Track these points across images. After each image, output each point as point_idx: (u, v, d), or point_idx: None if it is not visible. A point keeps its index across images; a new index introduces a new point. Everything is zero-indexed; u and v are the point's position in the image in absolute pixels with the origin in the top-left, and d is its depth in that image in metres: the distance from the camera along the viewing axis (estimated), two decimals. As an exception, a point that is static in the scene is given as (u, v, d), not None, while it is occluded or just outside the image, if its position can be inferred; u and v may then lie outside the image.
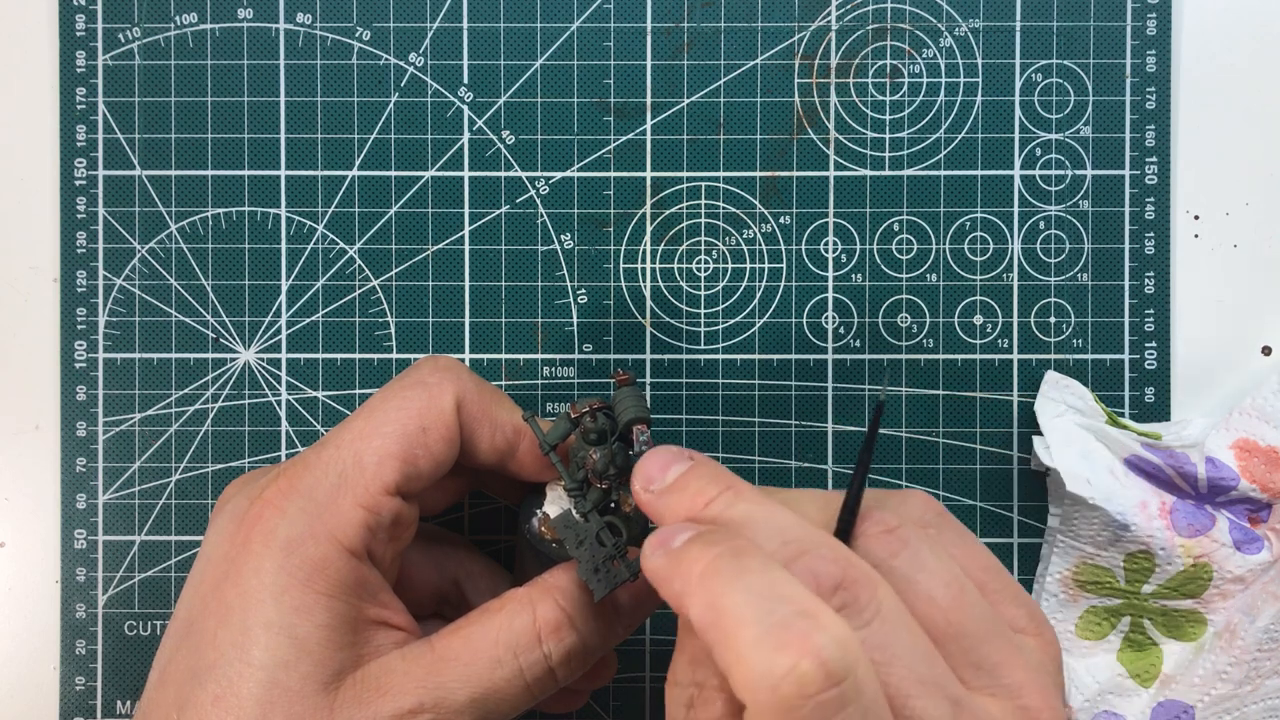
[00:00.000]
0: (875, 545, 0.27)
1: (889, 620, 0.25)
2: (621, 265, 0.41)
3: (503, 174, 0.41)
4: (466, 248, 0.41)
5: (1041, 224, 0.41)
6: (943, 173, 0.41)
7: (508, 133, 0.41)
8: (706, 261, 0.41)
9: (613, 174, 0.41)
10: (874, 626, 0.25)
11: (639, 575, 0.31)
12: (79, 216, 0.41)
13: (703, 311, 0.41)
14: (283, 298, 0.41)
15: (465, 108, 0.41)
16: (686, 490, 0.28)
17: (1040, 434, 0.39)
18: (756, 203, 0.41)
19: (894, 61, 0.41)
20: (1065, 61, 0.41)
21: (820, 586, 0.25)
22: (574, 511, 0.32)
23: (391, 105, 0.41)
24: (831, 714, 0.22)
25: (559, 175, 0.41)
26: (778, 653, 0.22)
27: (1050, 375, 0.40)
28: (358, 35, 0.41)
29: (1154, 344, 0.41)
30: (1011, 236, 0.41)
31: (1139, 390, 0.41)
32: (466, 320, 0.41)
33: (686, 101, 0.41)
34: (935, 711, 0.24)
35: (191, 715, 0.29)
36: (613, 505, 0.33)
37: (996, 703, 0.26)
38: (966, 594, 0.27)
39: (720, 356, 0.41)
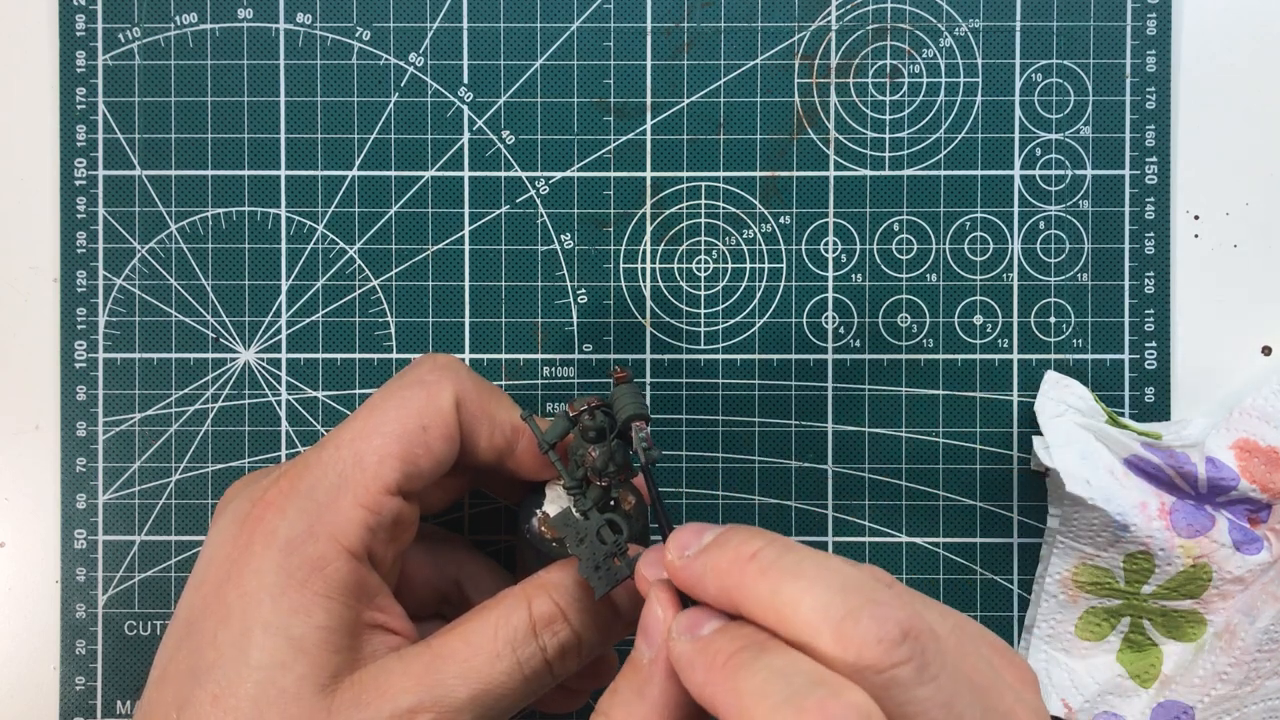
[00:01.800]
0: None
1: (951, 672, 0.24)
2: (621, 265, 0.41)
3: (503, 174, 0.41)
4: (466, 248, 0.41)
5: (1041, 224, 0.41)
6: (943, 173, 0.41)
7: (508, 133, 0.41)
8: (706, 261, 0.41)
9: (613, 174, 0.41)
10: (941, 681, 0.24)
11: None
12: (79, 216, 0.41)
13: (703, 311, 0.41)
14: (283, 298, 0.41)
15: (465, 108, 0.41)
16: (728, 545, 0.27)
17: (1040, 434, 0.39)
18: (756, 203, 0.41)
19: (894, 61, 0.41)
20: (1065, 61, 0.41)
21: (887, 634, 0.24)
22: (574, 510, 0.32)
23: (391, 105, 0.41)
24: None
25: (559, 175, 0.41)
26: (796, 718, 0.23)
27: (1050, 375, 0.40)
28: (358, 35, 0.41)
29: (1154, 344, 0.41)
30: (1011, 236, 0.41)
31: (1139, 390, 0.41)
32: (466, 320, 0.41)
33: (686, 101, 0.41)
34: None
35: (190, 715, 0.29)
36: (612, 503, 0.33)
37: None
38: (989, 654, 0.27)
39: (720, 356, 0.41)
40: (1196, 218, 0.41)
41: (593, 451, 0.32)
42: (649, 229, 0.41)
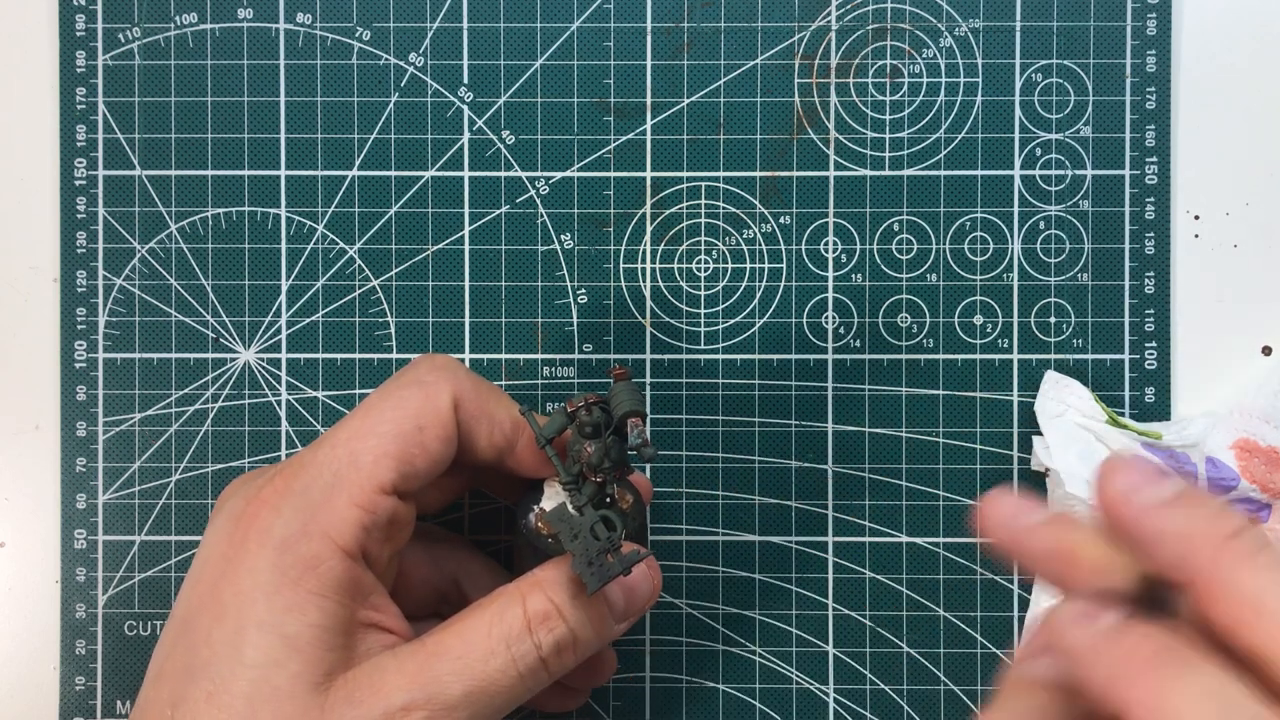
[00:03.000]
0: None
1: None
2: (621, 265, 0.41)
3: (503, 174, 0.41)
4: (466, 248, 0.41)
5: (1041, 224, 0.41)
6: (943, 173, 0.41)
7: (508, 133, 0.41)
8: (706, 261, 0.41)
9: (613, 174, 0.41)
10: None
11: (631, 570, 0.31)
12: (79, 216, 0.41)
13: (703, 311, 0.41)
14: (283, 298, 0.41)
15: (465, 108, 0.41)
16: (1202, 509, 0.22)
17: (1040, 434, 0.39)
18: (756, 203, 0.41)
19: (894, 61, 0.41)
20: (1065, 61, 0.41)
21: None
22: (569, 505, 0.32)
23: (391, 105, 0.41)
24: None
25: (559, 175, 0.41)
26: None
27: (1050, 375, 0.40)
28: (358, 35, 0.41)
29: (1154, 344, 0.41)
30: (1011, 236, 0.41)
31: (1139, 390, 0.41)
32: (466, 320, 0.41)
33: (686, 101, 0.41)
34: None
35: (185, 712, 0.29)
36: (608, 500, 0.33)
37: None
38: None
39: (720, 356, 0.41)
40: (1196, 218, 0.41)
41: (589, 447, 0.32)
42: (649, 229, 0.41)
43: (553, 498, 0.34)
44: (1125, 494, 0.23)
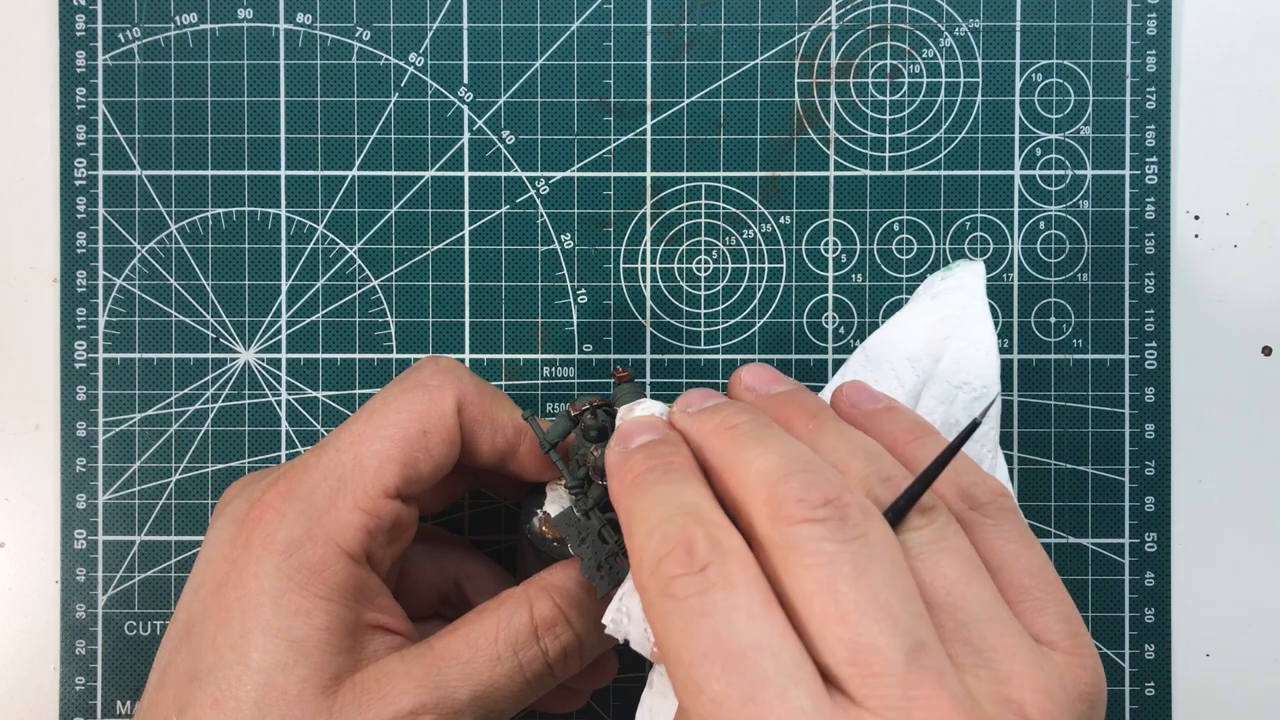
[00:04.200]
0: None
1: (872, 547, 0.24)
2: (621, 265, 0.41)
3: (503, 174, 0.41)
4: (466, 248, 0.41)
5: (1041, 224, 0.41)
6: (943, 173, 0.41)
7: (508, 133, 0.41)
8: (706, 261, 0.41)
9: (613, 174, 0.41)
10: (853, 546, 0.24)
11: None
12: (79, 216, 0.41)
13: (703, 311, 0.41)
14: (283, 298, 0.41)
15: (465, 108, 0.41)
16: (719, 412, 0.29)
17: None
18: (756, 203, 0.41)
19: (894, 61, 0.41)
20: (1065, 61, 0.41)
21: (809, 498, 0.24)
22: (575, 509, 0.32)
23: (391, 105, 0.41)
24: (696, 592, 0.24)
25: (559, 175, 0.41)
26: (657, 545, 0.25)
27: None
28: (358, 35, 0.41)
29: (1154, 344, 0.41)
30: (1011, 236, 0.41)
31: (1139, 390, 0.41)
32: (466, 320, 0.41)
33: (686, 101, 0.41)
34: (886, 643, 0.22)
35: (190, 717, 0.29)
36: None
37: (977, 682, 0.24)
38: (976, 579, 0.25)
39: (720, 356, 0.41)
40: (1197, 218, 0.41)
41: (594, 450, 0.32)
42: (649, 229, 0.41)
43: (556, 501, 0.34)
44: (678, 410, 0.30)
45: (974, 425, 0.27)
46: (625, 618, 0.29)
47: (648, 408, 0.31)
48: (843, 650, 0.23)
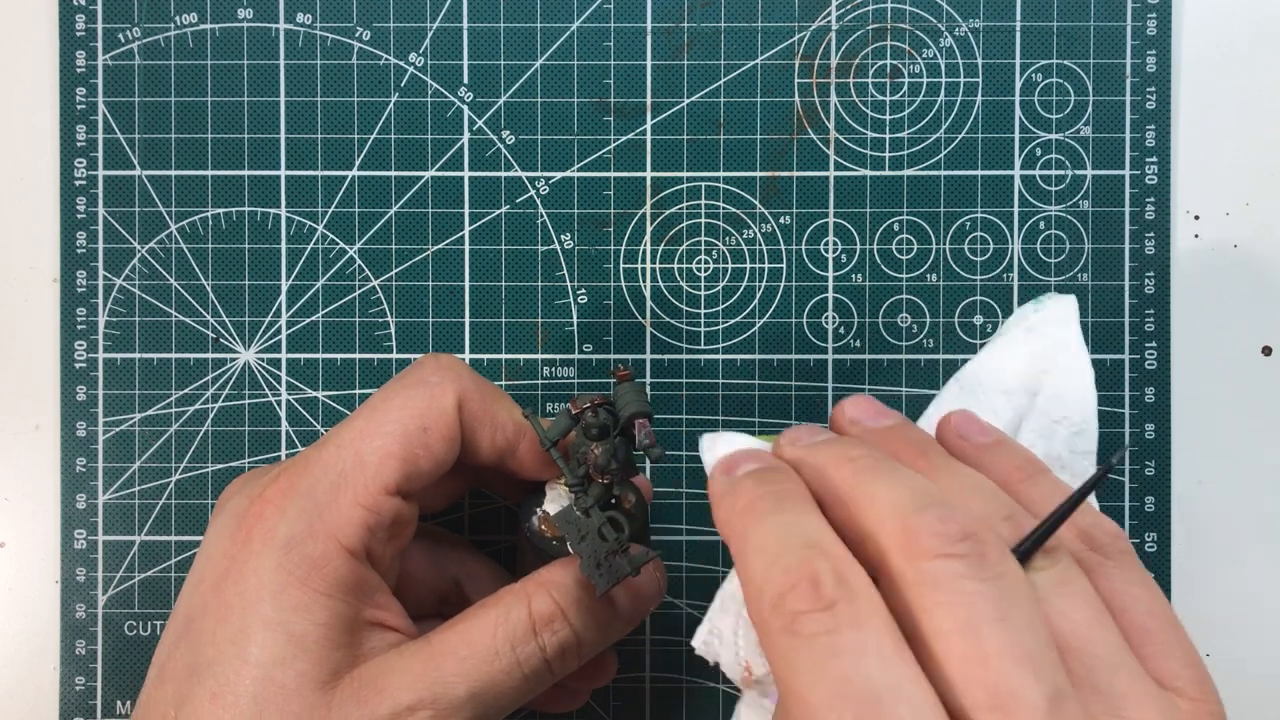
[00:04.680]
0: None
1: (1011, 588, 0.23)
2: (621, 265, 0.41)
3: (503, 174, 0.41)
4: (466, 248, 0.41)
5: (1041, 224, 0.41)
6: (943, 173, 0.41)
7: (508, 133, 0.41)
8: (706, 261, 0.41)
9: (613, 174, 0.41)
10: (991, 584, 0.23)
11: (640, 570, 0.31)
12: (79, 216, 0.41)
13: (703, 311, 0.41)
14: (283, 298, 0.41)
15: (465, 108, 0.41)
16: (836, 445, 0.28)
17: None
18: (756, 203, 0.41)
19: (894, 61, 0.41)
20: (1065, 61, 0.41)
21: (947, 532, 0.24)
22: (575, 507, 0.32)
23: (391, 105, 0.41)
24: (824, 631, 0.23)
25: (559, 175, 0.41)
26: (778, 579, 0.24)
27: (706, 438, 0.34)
28: (358, 35, 0.41)
29: (1154, 344, 0.41)
30: (1011, 236, 0.41)
31: (1139, 390, 0.41)
32: (466, 320, 0.41)
33: (686, 101, 0.41)
34: (1030, 691, 0.22)
35: (189, 712, 0.29)
36: (613, 501, 0.33)
37: None
38: (1102, 623, 0.25)
39: (720, 356, 0.41)
40: (1197, 218, 0.41)
41: (595, 449, 0.32)
42: (649, 229, 0.41)
43: (555, 499, 0.34)
44: (787, 444, 0.29)
45: (1108, 469, 0.26)
46: (716, 640, 0.29)
47: (733, 440, 0.31)
48: (983, 695, 0.22)
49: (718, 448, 0.30)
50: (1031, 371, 0.33)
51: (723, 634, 0.29)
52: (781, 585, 0.24)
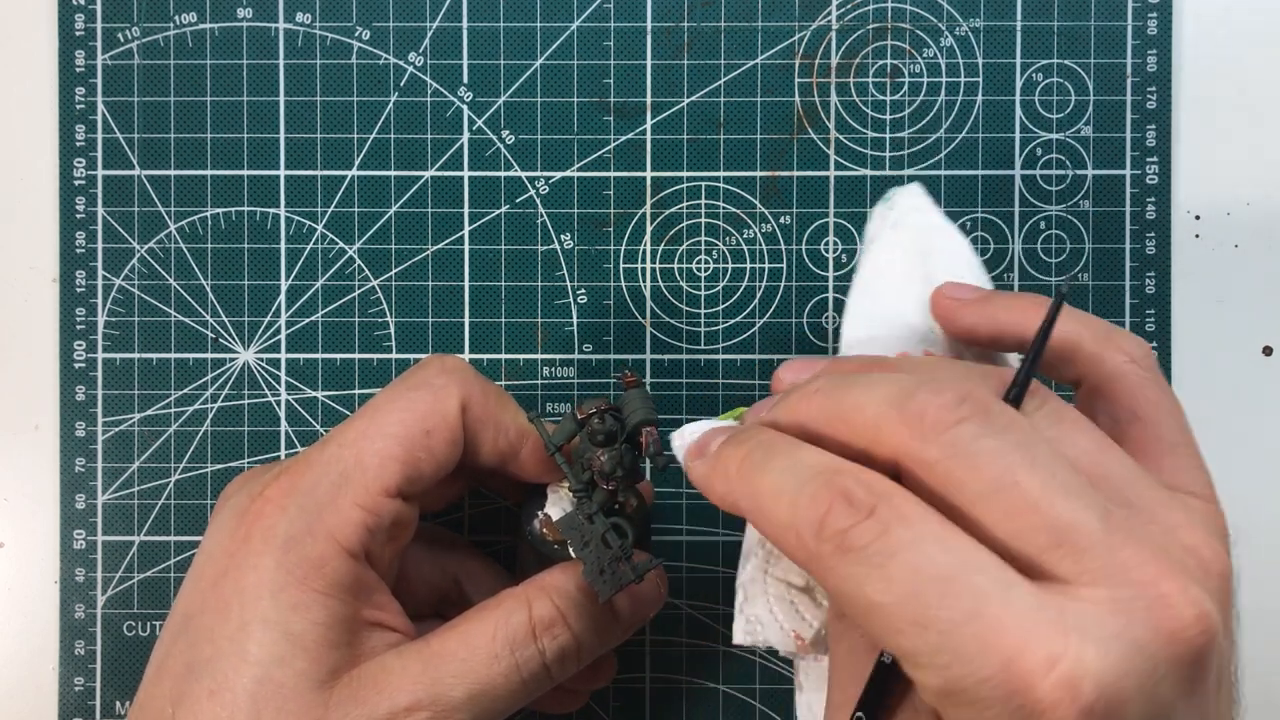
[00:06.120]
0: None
1: (1026, 432, 0.24)
2: (621, 265, 0.41)
3: (503, 174, 0.41)
4: (466, 248, 0.41)
5: (1042, 224, 0.41)
6: (943, 173, 0.41)
7: (508, 132, 0.41)
8: (706, 261, 0.41)
9: (613, 174, 0.41)
10: (1007, 435, 0.23)
11: (644, 578, 0.31)
12: (78, 216, 0.41)
13: (703, 311, 0.41)
14: (282, 298, 0.41)
15: (465, 108, 0.41)
16: (794, 393, 0.28)
17: None
18: (756, 203, 0.41)
19: (894, 61, 0.41)
20: (1066, 61, 0.41)
21: (944, 400, 0.24)
22: (579, 513, 0.32)
23: (391, 105, 0.41)
24: (876, 536, 0.23)
25: (559, 175, 0.41)
26: (809, 509, 0.24)
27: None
28: (357, 35, 0.41)
29: (1154, 344, 0.41)
30: (1012, 236, 0.41)
31: (1139, 390, 0.41)
32: (466, 320, 0.41)
33: (686, 101, 0.41)
34: (1083, 518, 0.22)
35: (187, 709, 0.29)
36: (617, 507, 0.33)
37: (1153, 534, 0.24)
38: (1106, 444, 0.25)
39: (720, 356, 0.41)
40: (1197, 218, 0.41)
41: (601, 455, 0.32)
42: (649, 229, 0.41)
43: (557, 503, 0.34)
44: (751, 419, 0.29)
45: (1062, 297, 0.27)
46: (758, 625, 0.29)
47: (698, 427, 0.31)
48: (1044, 537, 0.22)
49: (685, 439, 0.30)
50: (916, 260, 0.33)
51: (760, 618, 0.29)
52: (816, 513, 0.24)
